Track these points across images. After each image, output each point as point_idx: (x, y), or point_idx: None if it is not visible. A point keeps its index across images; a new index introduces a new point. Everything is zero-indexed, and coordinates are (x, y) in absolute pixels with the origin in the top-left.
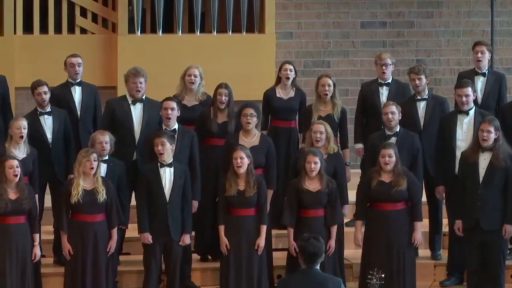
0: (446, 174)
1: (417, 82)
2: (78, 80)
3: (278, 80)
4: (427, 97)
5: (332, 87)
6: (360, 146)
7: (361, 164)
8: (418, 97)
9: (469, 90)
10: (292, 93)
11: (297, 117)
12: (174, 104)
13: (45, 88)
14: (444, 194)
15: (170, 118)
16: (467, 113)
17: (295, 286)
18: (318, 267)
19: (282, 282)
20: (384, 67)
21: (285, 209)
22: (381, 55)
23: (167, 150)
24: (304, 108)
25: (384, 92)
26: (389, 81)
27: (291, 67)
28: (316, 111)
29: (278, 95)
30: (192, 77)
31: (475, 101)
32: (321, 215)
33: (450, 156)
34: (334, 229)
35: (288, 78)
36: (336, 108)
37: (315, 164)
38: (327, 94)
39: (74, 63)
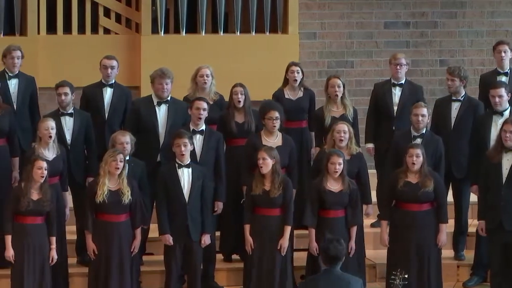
0: (479, 174)
1: (450, 83)
2: (111, 82)
3: (286, 81)
4: (462, 98)
5: (342, 88)
6: (370, 145)
7: (375, 164)
8: (453, 98)
9: (502, 90)
10: (300, 94)
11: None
12: (206, 105)
13: (66, 90)
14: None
15: (201, 118)
16: (501, 113)
17: (319, 287)
18: (339, 267)
19: (305, 283)
20: (398, 67)
21: (307, 210)
22: (396, 55)
23: (188, 151)
24: (315, 111)
25: (397, 93)
26: (402, 81)
27: (298, 68)
28: (328, 112)
29: (286, 96)
30: (205, 77)
31: (509, 102)
32: (341, 215)
33: (483, 156)
34: (354, 230)
35: (296, 80)
36: (349, 109)
37: (339, 165)
38: (337, 95)
39: (107, 65)
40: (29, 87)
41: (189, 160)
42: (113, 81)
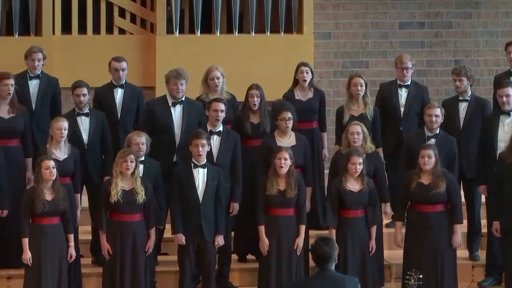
0: (486, 174)
1: (458, 83)
2: (122, 83)
3: (296, 82)
4: (469, 98)
5: (364, 87)
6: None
7: (385, 165)
8: (461, 98)
9: (509, 90)
10: (310, 94)
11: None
12: (223, 106)
13: (84, 91)
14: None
15: (219, 120)
16: (509, 113)
17: None
18: (333, 267)
19: (298, 285)
20: (405, 71)
21: (327, 210)
22: (402, 58)
23: (205, 151)
24: (337, 108)
25: (403, 94)
26: (408, 82)
27: (307, 68)
28: (348, 111)
29: (297, 97)
30: (215, 80)
31: None
32: (361, 215)
33: (491, 156)
34: (374, 229)
35: (305, 81)
36: (369, 108)
37: (359, 165)
38: (359, 94)
39: (118, 68)
40: (51, 88)
41: (205, 161)
42: (124, 81)
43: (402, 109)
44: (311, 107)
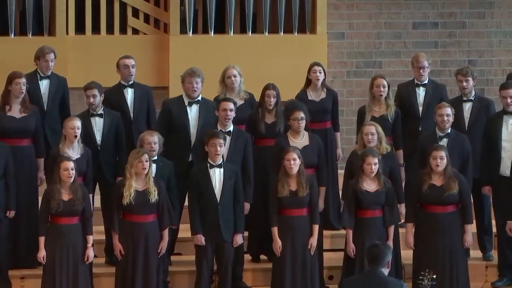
0: (491, 175)
1: (464, 84)
2: (131, 82)
3: (308, 82)
4: (473, 98)
5: (386, 88)
6: None
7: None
8: (464, 98)
9: None
10: (323, 95)
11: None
12: (232, 105)
13: (95, 92)
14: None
15: (229, 119)
16: None
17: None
18: (383, 269)
19: (346, 283)
20: (421, 70)
21: (344, 211)
22: (418, 57)
23: (222, 151)
24: (359, 108)
25: (421, 93)
26: (426, 82)
27: (320, 68)
28: (369, 112)
29: (310, 97)
30: (232, 78)
31: None
32: (379, 215)
33: (495, 157)
34: (392, 229)
35: (318, 80)
36: (390, 109)
37: (375, 165)
38: (381, 95)
39: (128, 65)
40: (61, 88)
41: (222, 160)
42: (133, 80)
43: (420, 109)
44: (324, 107)
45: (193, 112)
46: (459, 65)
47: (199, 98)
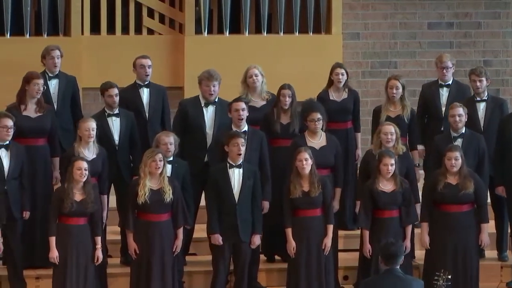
0: (504, 175)
1: (478, 84)
2: (147, 82)
3: (330, 82)
4: (486, 98)
5: (400, 89)
6: (421, 147)
7: (423, 165)
8: (478, 99)
9: None
10: (345, 95)
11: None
12: (244, 105)
13: (116, 91)
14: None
15: (242, 119)
16: None
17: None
18: (398, 267)
19: (366, 283)
20: (445, 70)
21: (360, 212)
22: (442, 57)
23: (243, 151)
24: (374, 108)
25: (444, 94)
26: (449, 82)
27: (343, 70)
28: (385, 112)
29: (331, 97)
30: (254, 77)
31: None
32: (396, 215)
33: (509, 157)
34: (409, 229)
35: (340, 82)
36: (406, 110)
37: (391, 166)
38: (394, 96)
39: (145, 65)
40: (70, 87)
41: (241, 160)
42: (149, 80)
43: (443, 109)
44: (346, 107)
45: (209, 113)
46: (474, 66)
47: (216, 99)
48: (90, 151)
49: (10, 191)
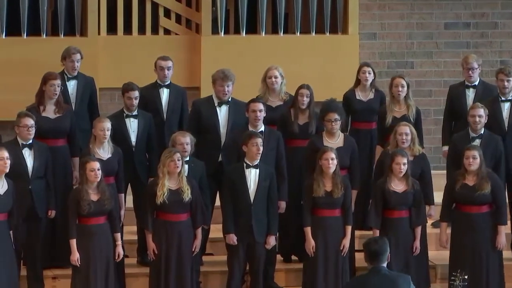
0: None
1: (506, 83)
2: (167, 83)
3: (357, 82)
4: (511, 98)
5: (405, 88)
6: (446, 148)
7: (447, 166)
8: (503, 98)
9: None
10: (371, 95)
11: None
12: (262, 106)
13: (137, 94)
14: None
15: (259, 120)
16: None
17: (367, 286)
18: (385, 265)
19: (352, 283)
20: (470, 72)
21: (371, 211)
22: (468, 59)
23: (261, 151)
24: (379, 109)
25: (470, 94)
26: (476, 83)
27: (370, 69)
28: (390, 112)
29: (357, 97)
30: (273, 79)
31: None
32: (405, 216)
33: None
34: (419, 230)
35: (367, 80)
36: (411, 109)
37: (404, 165)
38: (400, 95)
39: (164, 66)
40: (88, 88)
41: (258, 161)
42: (169, 81)
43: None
44: (372, 107)
45: (222, 113)
46: (491, 66)
47: (229, 99)
48: (105, 151)
49: (35, 190)
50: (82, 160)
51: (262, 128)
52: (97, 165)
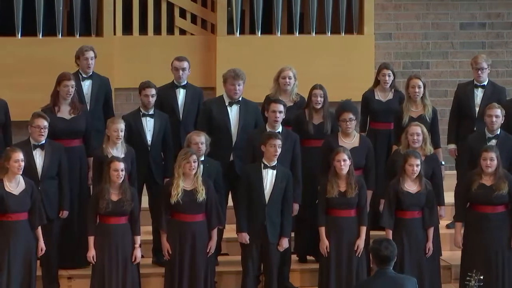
0: None
1: None
2: (183, 83)
3: (377, 82)
4: None
5: (422, 88)
6: (453, 146)
7: (456, 165)
8: None
9: None
10: (390, 95)
11: None
12: (282, 107)
13: (153, 91)
14: None
15: (278, 121)
16: None
17: None
18: (391, 267)
19: (361, 285)
20: (480, 71)
21: (384, 211)
22: (477, 59)
23: (279, 152)
24: (396, 109)
25: (479, 94)
26: (485, 83)
27: (390, 72)
28: (407, 112)
29: (377, 97)
30: (287, 79)
31: None
32: (418, 216)
33: None
34: (431, 231)
35: (387, 83)
36: (428, 109)
37: (417, 166)
38: (417, 95)
39: (178, 67)
40: (103, 88)
41: (276, 162)
42: (185, 82)
43: (476, 109)
44: (391, 108)
45: (233, 112)
46: (507, 66)
47: (240, 98)
48: (118, 151)
49: (45, 191)
50: (105, 160)
51: (280, 129)
52: (121, 165)
